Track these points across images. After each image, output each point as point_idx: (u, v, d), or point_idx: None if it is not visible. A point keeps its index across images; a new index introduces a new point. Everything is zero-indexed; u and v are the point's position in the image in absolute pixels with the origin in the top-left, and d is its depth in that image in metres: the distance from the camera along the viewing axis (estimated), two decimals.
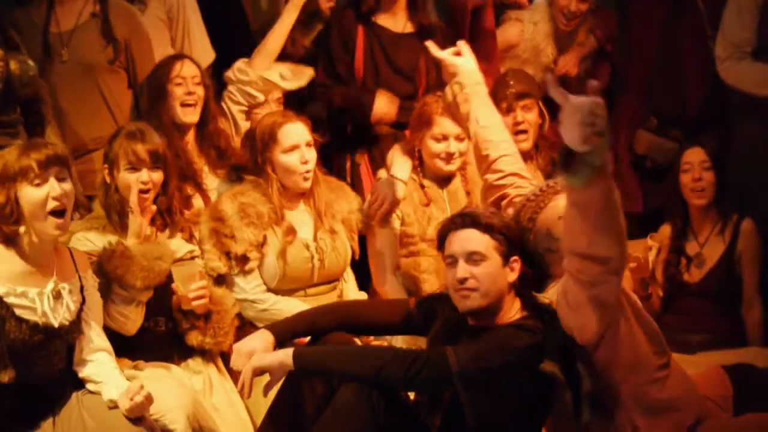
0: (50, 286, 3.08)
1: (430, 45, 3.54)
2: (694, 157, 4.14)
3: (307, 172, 3.71)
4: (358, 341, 3.32)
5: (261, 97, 4.20)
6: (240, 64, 4.18)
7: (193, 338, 3.52)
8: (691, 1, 4.54)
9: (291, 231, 3.71)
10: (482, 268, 2.91)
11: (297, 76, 4.24)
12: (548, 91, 2.55)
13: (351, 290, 3.90)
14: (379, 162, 4.24)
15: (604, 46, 4.73)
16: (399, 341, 3.62)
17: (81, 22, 3.99)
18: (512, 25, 4.75)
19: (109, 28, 4.00)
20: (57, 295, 3.08)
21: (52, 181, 3.02)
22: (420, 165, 3.98)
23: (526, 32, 4.74)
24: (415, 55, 4.32)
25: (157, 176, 3.47)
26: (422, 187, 3.98)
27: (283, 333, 3.10)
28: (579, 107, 2.43)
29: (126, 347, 3.38)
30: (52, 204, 3.01)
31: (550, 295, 3.00)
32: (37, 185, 3.01)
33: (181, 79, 3.89)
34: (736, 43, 4.36)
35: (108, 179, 3.48)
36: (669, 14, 4.61)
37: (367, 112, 4.24)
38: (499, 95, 4.16)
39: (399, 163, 3.98)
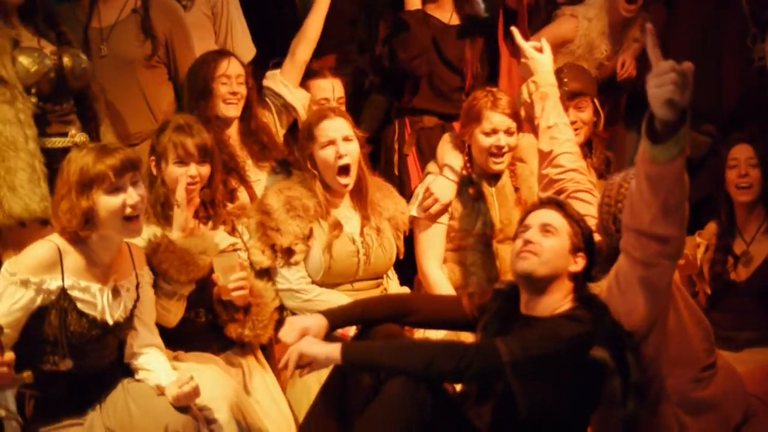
0: (111, 284, 3.12)
1: (515, 32, 3.64)
2: (741, 153, 4.11)
3: (345, 167, 3.69)
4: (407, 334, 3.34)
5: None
6: (270, 74, 4.20)
7: (233, 330, 3.52)
8: None
9: (337, 225, 3.71)
10: (550, 241, 2.96)
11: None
12: (646, 46, 2.57)
13: (394, 287, 3.91)
14: (426, 154, 4.26)
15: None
16: (436, 336, 3.63)
17: (122, 18, 4.04)
18: (566, 21, 4.72)
19: (149, 24, 4.04)
20: (116, 293, 3.13)
21: (128, 186, 3.05)
22: (469, 160, 3.99)
23: (581, 28, 4.72)
24: (462, 46, 4.33)
25: (205, 170, 3.50)
26: (471, 183, 3.99)
27: (338, 319, 3.12)
28: (673, 66, 2.47)
29: (166, 338, 3.38)
30: (128, 211, 3.04)
31: (601, 284, 3.01)
32: (114, 193, 3.03)
33: (226, 78, 3.93)
34: None
35: (155, 171, 3.51)
36: (712, 9, 4.56)
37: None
38: None
39: (450, 162, 3.99)
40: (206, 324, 3.54)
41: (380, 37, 4.44)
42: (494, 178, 4.03)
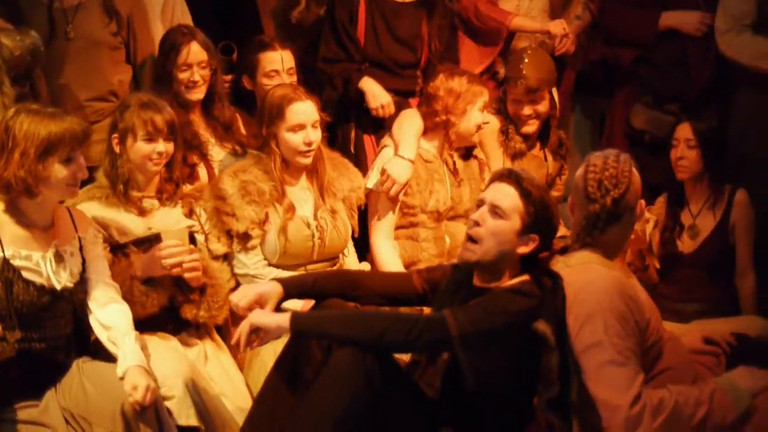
0: (52, 249, 3.15)
1: None
2: (682, 133, 4.16)
3: (309, 151, 3.74)
4: None
5: None
6: None
7: (188, 311, 3.53)
8: None
9: (291, 208, 3.74)
10: (497, 223, 2.98)
11: None
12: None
13: (352, 263, 3.95)
14: (383, 130, 4.29)
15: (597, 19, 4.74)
16: None
17: None
18: (508, 0, 4.77)
19: (111, 5, 4.06)
20: (59, 258, 3.15)
21: (79, 158, 3.12)
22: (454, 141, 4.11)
23: (521, 7, 4.77)
24: (417, 23, 4.35)
25: (170, 147, 3.53)
26: (447, 160, 4.12)
27: (292, 287, 3.15)
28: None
29: None
30: (79, 176, 3.12)
31: (570, 262, 3.07)
32: (67, 163, 3.09)
33: (186, 67, 3.97)
34: (735, 16, 4.38)
35: (117, 149, 3.52)
36: None
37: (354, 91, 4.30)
38: (511, 81, 4.26)
39: (409, 142, 4.03)
40: (161, 306, 3.51)
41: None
42: (465, 154, 4.13)
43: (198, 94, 4.00)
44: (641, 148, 4.58)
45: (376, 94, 4.23)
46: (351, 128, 4.39)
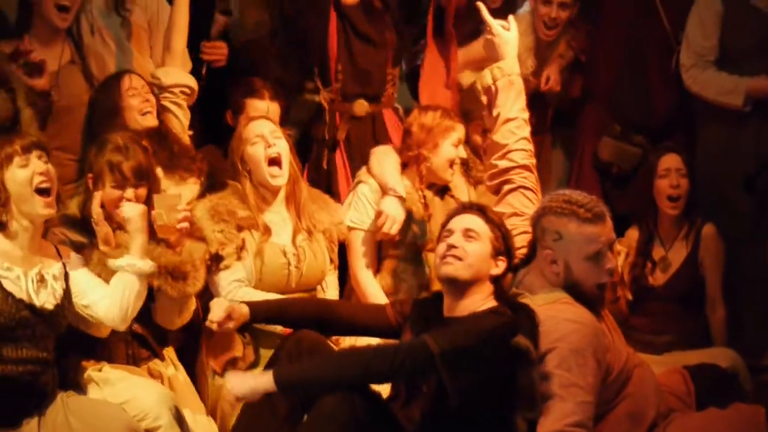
0: (35, 269, 3.17)
1: (481, 6, 3.60)
2: (672, 163, 4.24)
3: (274, 158, 3.72)
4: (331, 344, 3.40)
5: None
6: (160, 73, 4.17)
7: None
8: (655, 12, 4.62)
9: (267, 230, 3.74)
10: (474, 245, 3.06)
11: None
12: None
13: (331, 298, 3.93)
14: (354, 146, 4.34)
15: (579, 57, 4.81)
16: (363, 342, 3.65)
17: (63, 65, 4.05)
18: None
19: (89, 72, 4.12)
20: (41, 280, 3.17)
21: (35, 160, 3.16)
22: (424, 177, 4.10)
23: None
24: (378, 21, 4.41)
25: (141, 191, 3.47)
26: (424, 197, 4.09)
27: (259, 312, 3.17)
28: None
29: (87, 349, 3.41)
30: (38, 179, 3.15)
31: (525, 280, 3.15)
32: (22, 166, 3.15)
33: (134, 91, 3.95)
34: (699, 53, 4.49)
35: (92, 189, 3.49)
36: (634, 24, 4.69)
37: None
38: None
39: (396, 179, 4.05)
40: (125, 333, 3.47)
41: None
42: (441, 190, 4.16)
43: (153, 120, 3.97)
44: (609, 181, 4.66)
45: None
46: (323, 144, 4.41)
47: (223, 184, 3.89)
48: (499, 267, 3.09)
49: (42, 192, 3.16)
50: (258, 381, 2.92)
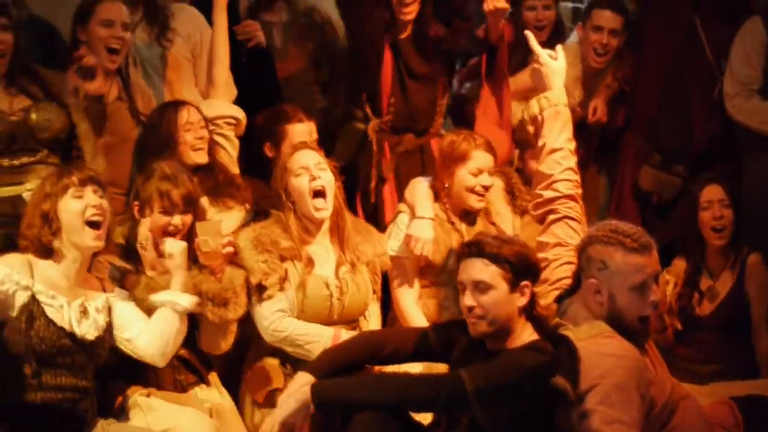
0: (78, 300, 3.22)
1: (530, 36, 3.62)
2: (714, 194, 4.22)
3: (319, 190, 3.71)
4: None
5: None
6: (205, 105, 4.21)
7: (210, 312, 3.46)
8: (698, 42, 4.63)
9: (310, 262, 3.74)
10: (488, 297, 3.03)
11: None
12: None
13: (373, 327, 3.91)
14: (403, 181, 4.33)
15: (623, 87, 4.82)
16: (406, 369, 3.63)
17: (111, 100, 4.09)
18: None
19: (135, 109, 4.16)
20: (84, 311, 3.22)
21: (90, 193, 3.23)
22: (447, 200, 4.08)
23: None
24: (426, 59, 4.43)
25: (188, 219, 3.53)
26: (452, 223, 4.07)
27: (323, 370, 3.12)
28: None
29: (133, 375, 3.45)
30: (90, 212, 3.22)
31: (569, 310, 3.14)
32: (77, 197, 3.22)
33: (190, 125, 3.98)
34: (743, 81, 4.48)
35: (137, 216, 3.55)
36: (677, 53, 4.69)
37: None
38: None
39: (424, 203, 4.05)
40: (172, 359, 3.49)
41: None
42: (468, 216, 4.12)
43: (204, 157, 4.00)
44: (650, 210, 4.65)
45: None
46: (371, 178, 4.43)
47: (267, 213, 3.90)
48: (525, 294, 3.06)
49: (93, 224, 3.22)
50: (296, 398, 2.99)
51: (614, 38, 4.69)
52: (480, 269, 3.05)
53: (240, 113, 4.23)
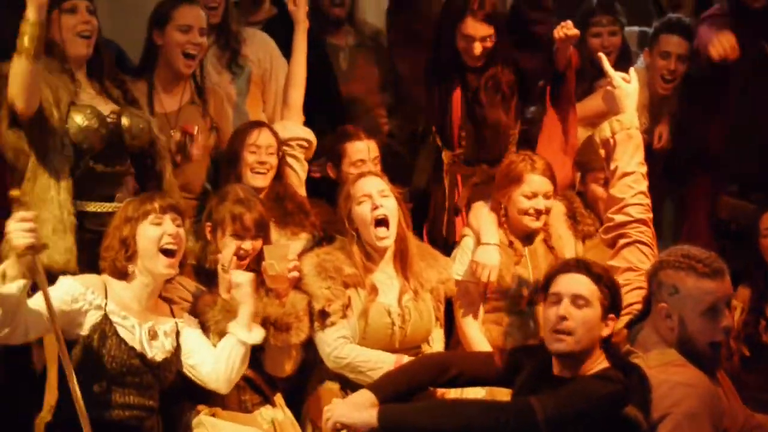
0: (149, 323, 3.28)
1: (602, 57, 3.61)
2: None
3: (381, 219, 3.69)
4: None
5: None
6: (278, 126, 4.25)
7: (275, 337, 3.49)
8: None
9: (373, 289, 3.72)
10: (583, 314, 3.02)
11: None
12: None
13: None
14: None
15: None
16: (470, 393, 3.66)
17: (183, 105, 4.18)
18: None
19: (208, 112, 4.23)
20: (153, 334, 3.28)
21: (169, 222, 3.29)
22: (505, 221, 4.07)
23: None
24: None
25: (258, 243, 3.56)
26: (511, 243, 4.07)
27: (387, 393, 3.11)
28: None
29: (199, 395, 3.47)
30: (166, 240, 3.27)
31: (640, 336, 3.12)
32: (155, 224, 3.28)
33: (255, 148, 4.01)
34: None
35: (209, 237, 3.60)
36: (749, 78, 4.65)
37: None
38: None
39: (488, 228, 4.05)
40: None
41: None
42: (528, 238, 4.12)
43: (262, 182, 4.02)
44: (727, 239, 4.58)
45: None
46: (444, 210, 4.42)
47: (332, 239, 3.94)
48: (609, 326, 3.05)
49: (167, 252, 3.28)
50: (363, 415, 2.97)
51: (682, 64, 4.66)
52: (584, 284, 3.04)
53: (311, 136, 4.29)
